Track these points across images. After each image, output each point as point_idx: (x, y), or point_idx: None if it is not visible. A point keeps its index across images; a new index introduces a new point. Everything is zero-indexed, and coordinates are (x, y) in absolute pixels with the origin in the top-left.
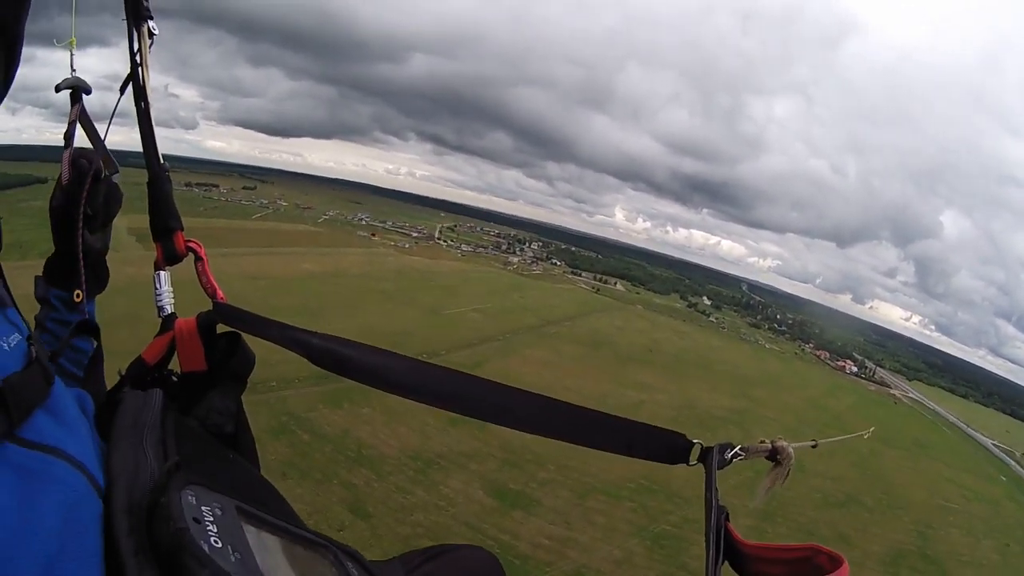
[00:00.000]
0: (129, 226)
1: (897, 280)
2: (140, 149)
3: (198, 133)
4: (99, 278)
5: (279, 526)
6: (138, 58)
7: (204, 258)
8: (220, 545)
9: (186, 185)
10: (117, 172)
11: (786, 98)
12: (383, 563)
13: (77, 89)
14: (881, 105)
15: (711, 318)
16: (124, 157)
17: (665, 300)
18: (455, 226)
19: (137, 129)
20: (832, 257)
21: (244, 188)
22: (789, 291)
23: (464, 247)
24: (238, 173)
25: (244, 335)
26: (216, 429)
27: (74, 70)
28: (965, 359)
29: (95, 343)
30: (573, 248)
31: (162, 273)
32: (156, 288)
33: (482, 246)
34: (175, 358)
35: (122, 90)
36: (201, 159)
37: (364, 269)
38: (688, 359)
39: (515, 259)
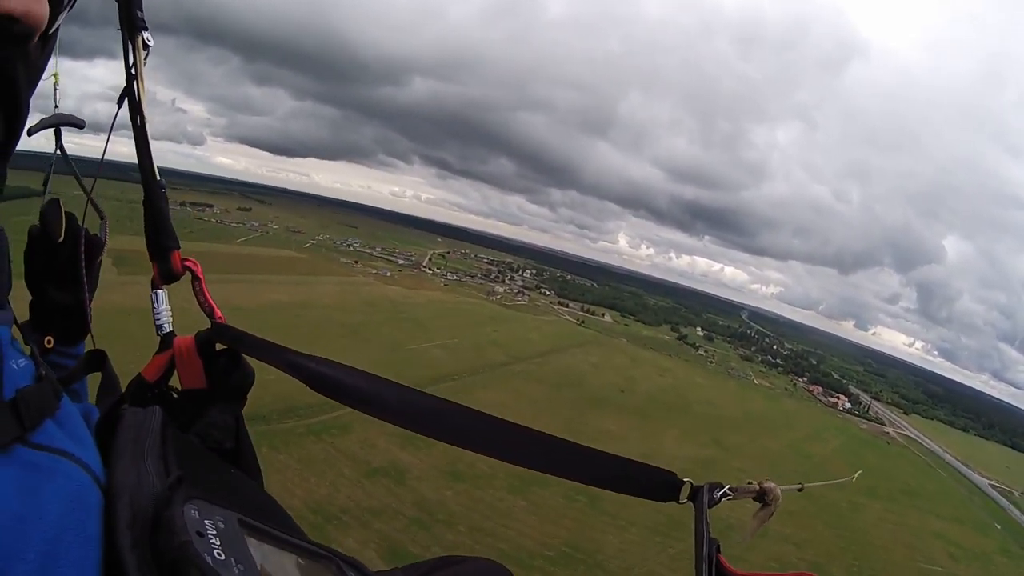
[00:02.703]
0: (110, 247)
1: (899, 306)
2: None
3: (206, 149)
4: (71, 328)
5: (281, 538)
6: (134, 71)
7: (201, 277)
8: (223, 557)
9: (180, 204)
10: (104, 220)
11: (788, 124)
12: (386, 573)
13: (58, 128)
14: (884, 129)
15: (700, 351)
16: (125, 171)
17: (654, 332)
18: (447, 252)
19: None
20: (835, 284)
21: (239, 209)
22: (791, 318)
23: (450, 275)
24: (240, 192)
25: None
26: (216, 445)
27: (57, 106)
28: (967, 384)
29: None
30: (568, 276)
31: (159, 292)
32: (154, 307)
33: (470, 274)
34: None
35: (119, 103)
36: (206, 175)
37: (335, 300)
38: (663, 400)
39: (501, 288)
